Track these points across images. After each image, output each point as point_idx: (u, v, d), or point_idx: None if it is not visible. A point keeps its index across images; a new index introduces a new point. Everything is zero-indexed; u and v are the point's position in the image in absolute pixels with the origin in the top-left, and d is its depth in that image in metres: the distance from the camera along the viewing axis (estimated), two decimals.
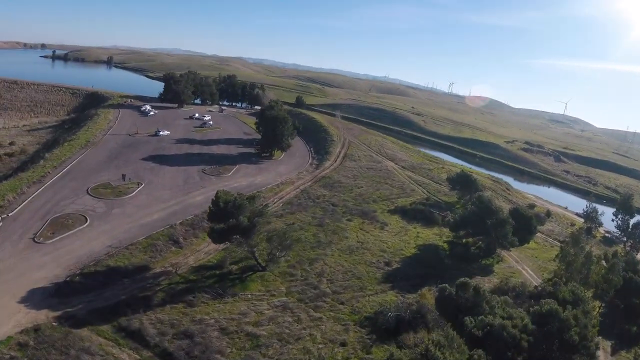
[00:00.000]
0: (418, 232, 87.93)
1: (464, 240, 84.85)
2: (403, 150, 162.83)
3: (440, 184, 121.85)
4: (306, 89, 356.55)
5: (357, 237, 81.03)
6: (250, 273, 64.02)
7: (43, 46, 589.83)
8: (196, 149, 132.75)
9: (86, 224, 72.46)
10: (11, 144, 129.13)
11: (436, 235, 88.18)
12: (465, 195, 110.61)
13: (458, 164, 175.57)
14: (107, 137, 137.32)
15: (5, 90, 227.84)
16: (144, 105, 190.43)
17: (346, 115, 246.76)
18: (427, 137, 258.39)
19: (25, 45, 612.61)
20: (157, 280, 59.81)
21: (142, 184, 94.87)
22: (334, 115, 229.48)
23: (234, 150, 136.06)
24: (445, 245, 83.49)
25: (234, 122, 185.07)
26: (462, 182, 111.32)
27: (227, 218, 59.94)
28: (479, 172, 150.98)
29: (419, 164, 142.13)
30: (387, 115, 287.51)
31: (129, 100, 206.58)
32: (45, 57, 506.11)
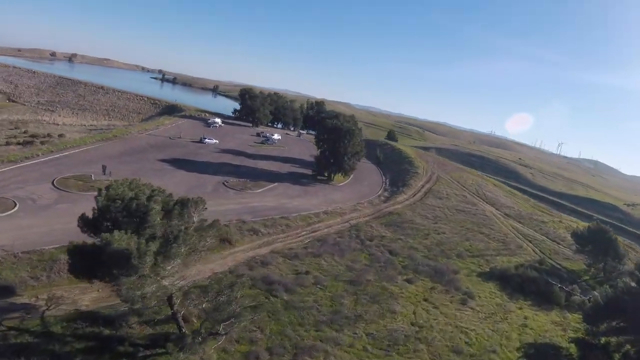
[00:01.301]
0: (526, 318, 48.57)
1: (602, 340, 45.16)
2: (508, 196, 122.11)
3: (559, 243, 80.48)
4: (404, 130, 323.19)
5: (413, 315, 43.72)
6: (162, 351, 30.34)
7: (160, 72, 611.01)
8: (239, 160, 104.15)
9: (7, 212, 51.31)
10: (60, 135, 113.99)
11: (557, 326, 48.51)
12: (599, 262, 68.84)
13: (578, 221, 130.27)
14: (142, 136, 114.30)
15: (90, 93, 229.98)
16: (214, 118, 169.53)
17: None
18: (535, 192, 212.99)
19: (143, 68, 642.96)
20: None
21: None
22: (426, 149, 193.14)
23: (286, 168, 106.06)
24: (573, 348, 44.14)
25: (306, 145, 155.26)
26: (596, 242, 69.34)
27: (107, 229, 27.04)
28: None
29: (529, 214, 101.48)
30: (489, 163, 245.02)
31: (203, 114, 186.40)
32: (155, 78, 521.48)
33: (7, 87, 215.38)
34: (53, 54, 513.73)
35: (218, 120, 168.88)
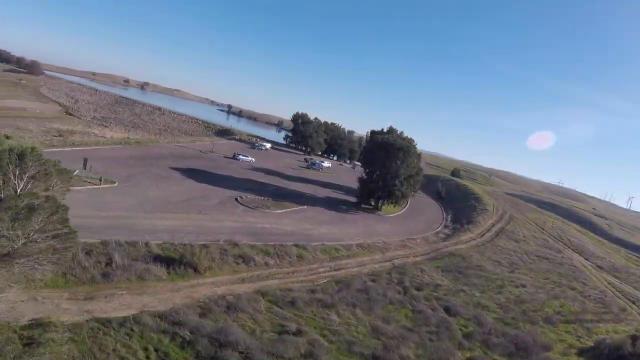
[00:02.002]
0: None
1: None
2: (596, 244, 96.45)
3: None
4: (469, 173, 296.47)
5: None
6: None
7: (228, 106, 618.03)
8: (269, 179, 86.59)
9: None
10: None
11: None
12: None
13: None
14: (169, 146, 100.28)
15: (146, 113, 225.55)
16: (263, 142, 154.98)
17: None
18: (612, 244, 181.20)
19: (212, 102, 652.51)
20: None
21: (114, 183, 55.74)
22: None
23: (324, 192, 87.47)
24: None
25: (358, 174, 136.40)
26: None
27: None
28: None
29: (624, 267, 76.80)
30: (561, 211, 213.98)
31: (254, 139, 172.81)
32: (221, 111, 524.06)
33: (68, 100, 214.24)
34: (126, 81, 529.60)
35: (267, 144, 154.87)
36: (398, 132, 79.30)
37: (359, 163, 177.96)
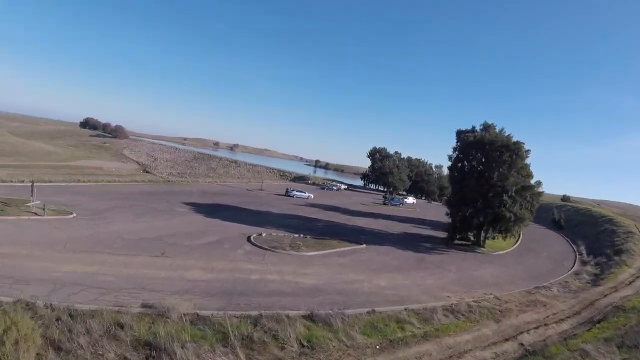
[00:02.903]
0: None
1: None
2: None
3: None
4: (575, 203, 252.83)
5: None
6: None
7: (316, 161, 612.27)
8: (324, 215, 62.56)
9: None
10: None
11: None
12: None
13: None
14: (208, 184, 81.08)
15: (221, 166, 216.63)
16: (336, 183, 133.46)
17: None
18: None
19: (301, 159, 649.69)
20: None
21: (71, 214, 38.82)
22: None
23: (399, 227, 60.98)
24: None
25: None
26: None
27: None
28: None
29: None
30: None
31: (329, 182, 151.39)
32: (308, 165, 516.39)
33: (147, 159, 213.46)
34: (216, 144, 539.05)
35: (341, 185, 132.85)
36: (495, 128, 52.32)
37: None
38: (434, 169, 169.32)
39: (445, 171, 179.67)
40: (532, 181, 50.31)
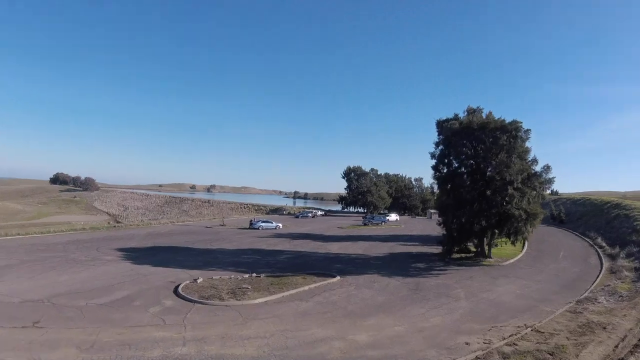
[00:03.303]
0: None
1: None
2: None
3: None
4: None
5: None
6: None
7: (294, 192, 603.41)
8: (290, 245, 51.20)
9: None
10: None
11: None
12: None
13: None
14: (165, 225, 70.18)
15: (194, 208, 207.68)
16: (313, 211, 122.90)
17: None
18: None
19: (280, 192, 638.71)
20: None
21: None
22: None
23: (384, 248, 49.78)
24: None
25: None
26: None
27: None
28: None
29: None
30: None
31: (306, 210, 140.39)
32: (287, 197, 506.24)
33: (118, 209, 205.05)
34: (193, 187, 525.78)
35: (316, 211, 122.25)
36: (482, 111, 42.13)
37: (435, 211, 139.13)
38: (413, 183, 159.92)
39: (427, 183, 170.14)
40: (538, 167, 40.25)
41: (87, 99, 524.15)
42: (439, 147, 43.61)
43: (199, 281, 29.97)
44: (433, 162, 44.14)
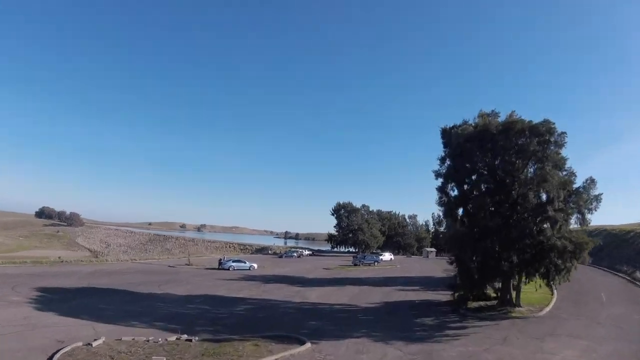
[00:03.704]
0: None
1: None
2: None
3: None
4: None
5: None
6: None
7: (285, 232, 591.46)
8: (258, 291, 39.88)
9: None
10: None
11: None
12: None
13: None
14: (123, 263, 59.22)
15: (177, 246, 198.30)
16: (299, 250, 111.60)
17: None
18: None
19: (271, 232, 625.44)
20: None
21: None
22: None
23: (377, 295, 38.56)
24: None
25: (436, 262, 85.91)
26: None
27: None
28: None
29: None
30: None
31: (291, 249, 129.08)
32: (278, 237, 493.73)
33: (100, 246, 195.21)
34: (183, 226, 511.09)
35: (302, 251, 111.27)
36: (499, 115, 31.74)
37: (432, 249, 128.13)
38: (407, 220, 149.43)
39: (421, 221, 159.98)
40: (578, 181, 30.11)
41: (80, 134, 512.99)
42: (446, 163, 33.25)
43: (95, 344, 19.13)
44: (438, 182, 33.65)
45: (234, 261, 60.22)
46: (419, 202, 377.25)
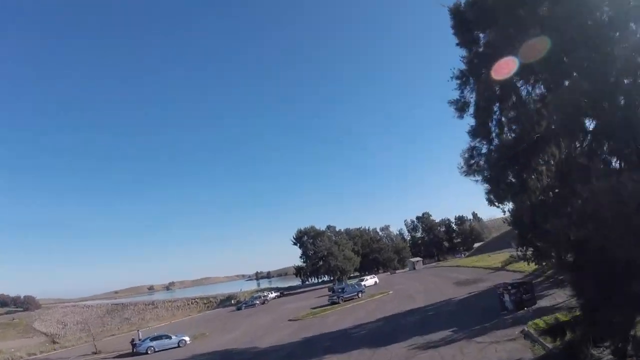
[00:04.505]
0: None
1: None
2: None
3: None
4: None
5: None
6: None
7: (256, 273, 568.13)
8: None
9: None
10: None
11: None
12: None
13: None
14: None
15: (136, 313, 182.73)
16: (264, 294, 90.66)
17: None
18: None
19: (243, 276, 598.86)
20: None
21: None
22: None
23: None
24: None
25: (435, 274, 66.96)
26: None
27: None
28: None
29: None
30: None
31: (256, 293, 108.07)
32: (250, 279, 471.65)
33: (56, 328, 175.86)
34: (151, 288, 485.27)
35: (268, 294, 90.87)
36: None
37: (417, 259, 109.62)
38: (380, 233, 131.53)
39: (395, 231, 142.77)
40: None
41: (32, 211, 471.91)
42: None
43: None
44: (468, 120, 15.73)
45: (153, 339, 39.26)
46: (387, 212, 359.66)
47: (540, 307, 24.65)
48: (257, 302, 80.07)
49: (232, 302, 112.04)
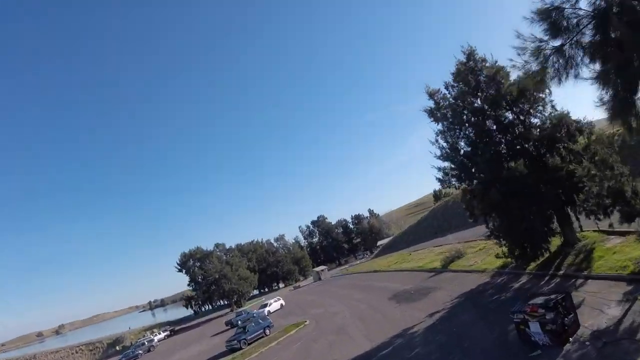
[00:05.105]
0: None
1: None
2: None
3: None
4: None
5: None
6: None
7: (149, 303, 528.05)
8: None
9: None
10: None
11: None
12: None
13: None
14: None
15: None
16: (151, 338, 74.23)
17: None
18: None
19: (137, 307, 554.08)
20: None
21: None
22: None
23: None
24: None
25: (353, 285, 55.81)
26: None
27: None
28: None
29: None
30: None
31: (146, 340, 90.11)
32: (144, 310, 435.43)
33: None
34: (40, 334, 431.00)
35: (156, 335, 75.25)
36: None
37: (322, 267, 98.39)
38: (275, 245, 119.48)
39: (290, 239, 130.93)
40: None
41: None
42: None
43: None
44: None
45: None
46: (280, 220, 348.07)
47: (589, 330, 14.04)
48: (140, 351, 63.50)
49: (117, 348, 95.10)
